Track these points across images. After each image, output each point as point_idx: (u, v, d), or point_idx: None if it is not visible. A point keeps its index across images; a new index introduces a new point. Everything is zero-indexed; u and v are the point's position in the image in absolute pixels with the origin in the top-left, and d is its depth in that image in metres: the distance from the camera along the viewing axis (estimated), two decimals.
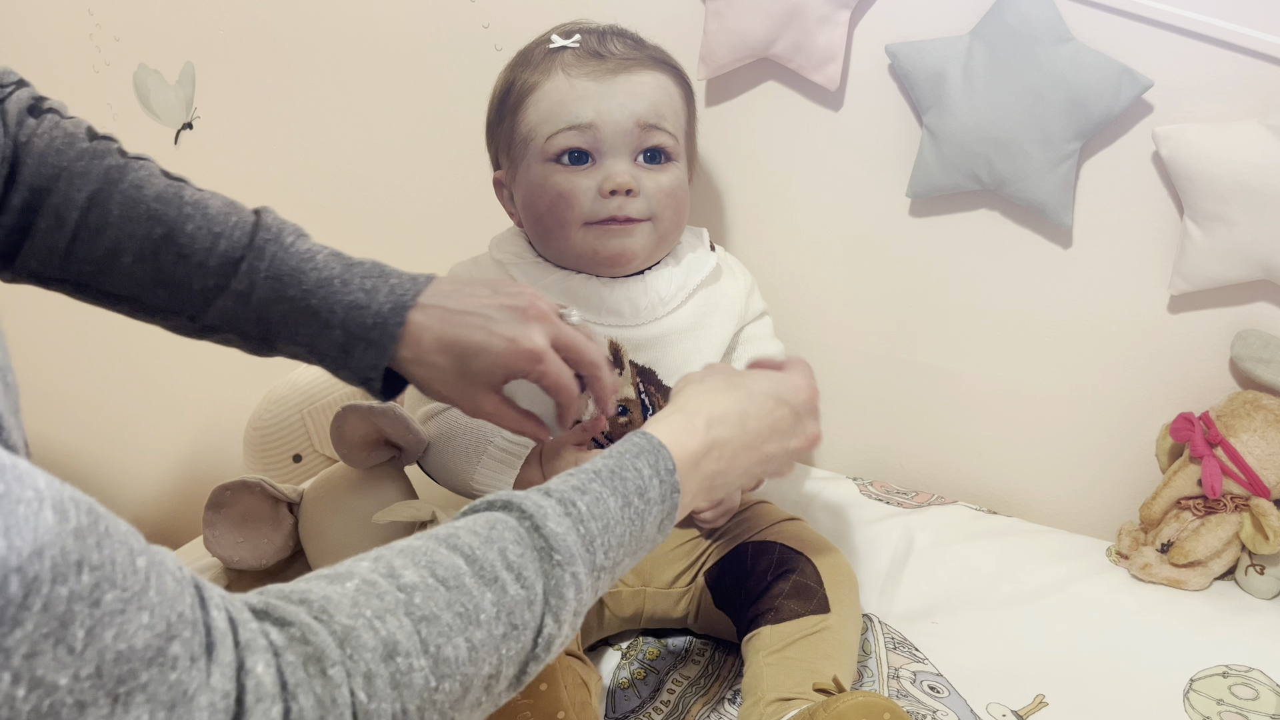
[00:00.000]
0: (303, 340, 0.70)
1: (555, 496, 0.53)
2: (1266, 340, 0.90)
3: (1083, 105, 0.87)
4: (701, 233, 0.96)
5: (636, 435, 0.59)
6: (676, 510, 0.59)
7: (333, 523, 0.84)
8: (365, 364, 0.70)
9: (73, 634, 0.32)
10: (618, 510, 0.54)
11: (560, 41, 0.87)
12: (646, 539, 0.57)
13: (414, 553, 0.47)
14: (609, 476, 0.55)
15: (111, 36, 1.37)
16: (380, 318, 0.69)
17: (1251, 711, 0.77)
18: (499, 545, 0.49)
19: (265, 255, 0.70)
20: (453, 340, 0.69)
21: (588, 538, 0.52)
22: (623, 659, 0.84)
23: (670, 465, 0.58)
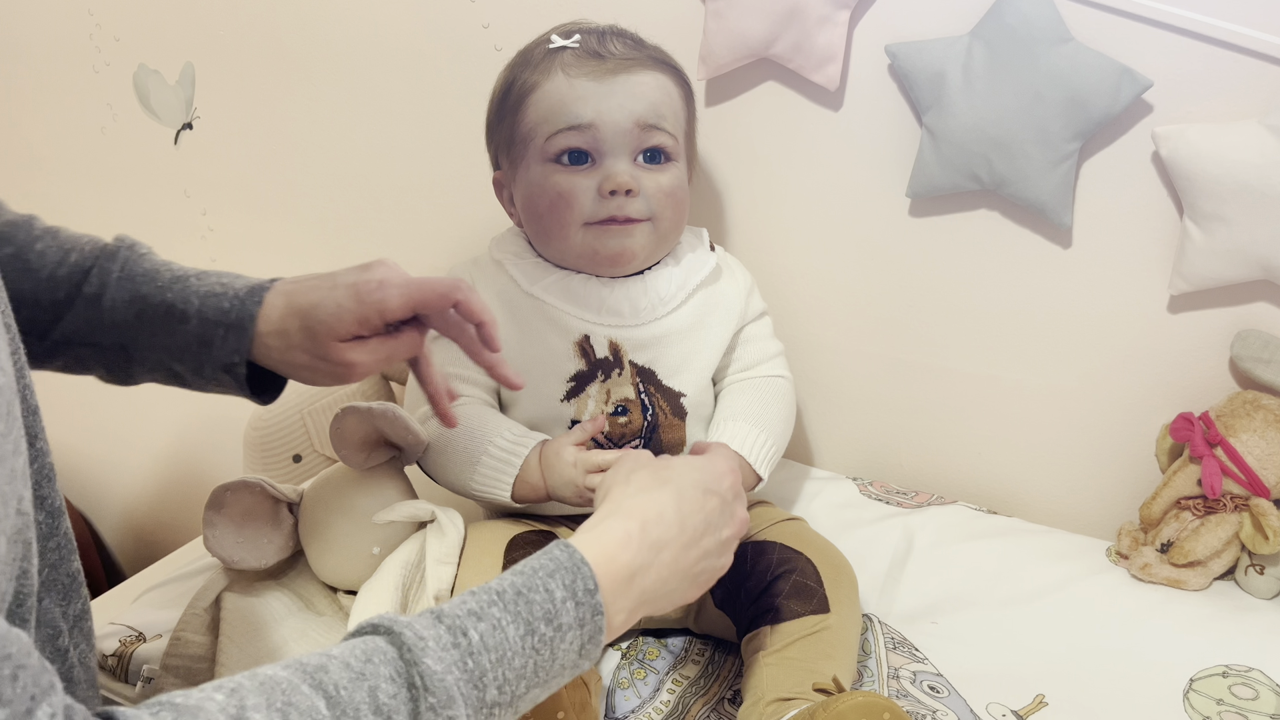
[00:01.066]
0: (159, 342, 0.68)
1: (446, 623, 0.48)
2: (1266, 340, 0.90)
3: (1082, 105, 0.87)
4: (701, 233, 0.96)
5: (557, 548, 0.55)
6: (601, 634, 0.54)
7: (333, 523, 0.84)
8: (227, 349, 0.68)
9: None
10: (518, 640, 0.50)
11: (560, 41, 0.87)
12: (561, 666, 0.52)
13: (275, 688, 0.43)
14: (513, 599, 0.51)
15: (111, 36, 1.37)
16: (237, 300, 0.68)
17: (1251, 711, 0.77)
18: (370, 684, 0.45)
19: (118, 259, 0.70)
20: (299, 303, 0.68)
21: (476, 673, 0.48)
22: (623, 659, 0.84)
23: (590, 585, 0.53)
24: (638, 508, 0.59)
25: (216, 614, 0.84)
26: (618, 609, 0.56)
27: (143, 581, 1.00)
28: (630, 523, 0.58)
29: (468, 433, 0.84)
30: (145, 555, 1.63)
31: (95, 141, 1.46)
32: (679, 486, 0.62)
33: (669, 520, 0.59)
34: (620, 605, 0.56)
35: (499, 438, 0.83)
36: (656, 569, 0.58)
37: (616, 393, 0.88)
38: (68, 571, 0.55)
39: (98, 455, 1.68)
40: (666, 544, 0.59)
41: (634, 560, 0.57)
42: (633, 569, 0.56)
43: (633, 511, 0.59)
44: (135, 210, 1.48)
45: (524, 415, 0.89)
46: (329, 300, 0.68)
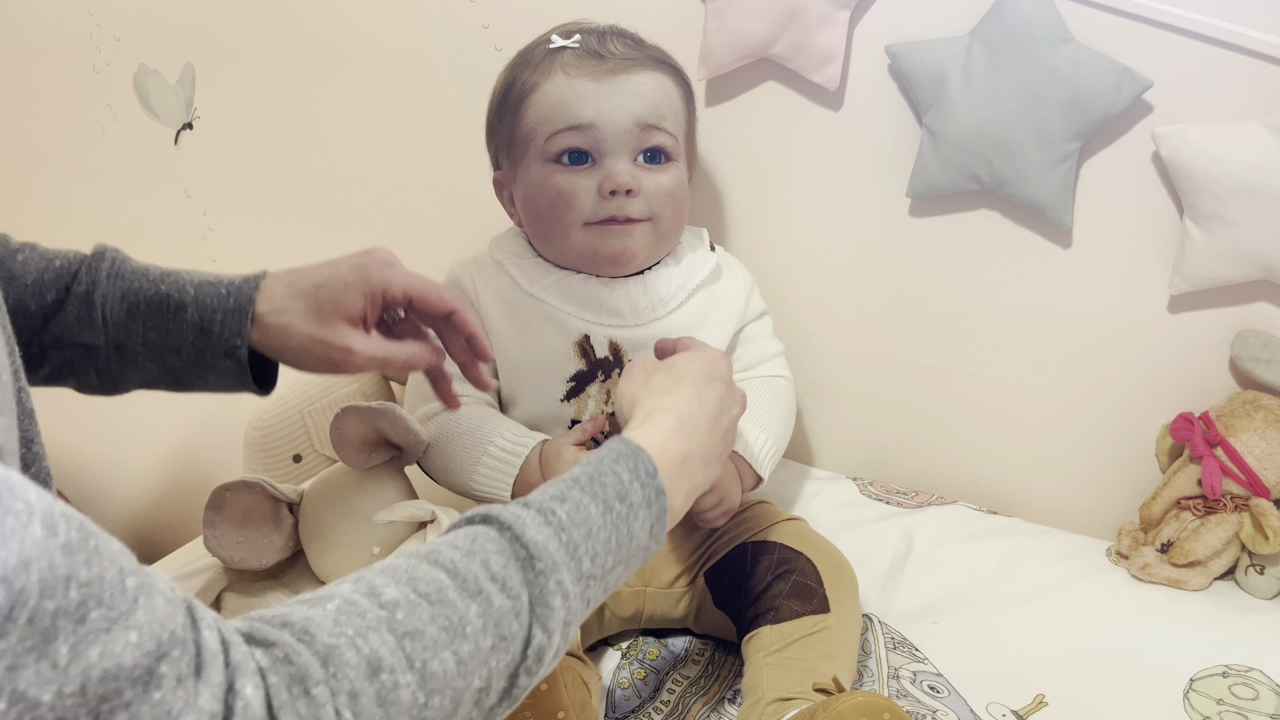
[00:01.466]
0: (155, 335, 0.69)
1: (534, 507, 0.52)
2: (1266, 340, 0.90)
3: (1082, 105, 0.87)
4: (701, 233, 0.96)
5: (615, 441, 0.59)
6: (666, 515, 0.58)
7: (333, 523, 0.84)
8: (228, 333, 0.68)
9: (56, 650, 0.32)
10: (599, 515, 0.54)
11: (560, 41, 0.87)
12: (638, 546, 0.56)
13: (395, 571, 0.47)
14: (588, 483, 0.55)
15: (111, 36, 1.37)
16: (234, 286, 0.70)
17: (1251, 711, 0.77)
18: (481, 557, 0.48)
19: (106, 259, 0.70)
20: (303, 284, 0.70)
21: (570, 545, 0.51)
22: (623, 659, 0.84)
23: (651, 468, 0.57)
24: (670, 404, 0.63)
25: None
26: (676, 491, 0.60)
27: None
28: (669, 416, 0.62)
29: (468, 433, 0.84)
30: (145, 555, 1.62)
31: (95, 141, 1.46)
32: (693, 380, 0.66)
33: (695, 410, 0.64)
34: (678, 488, 0.60)
35: (499, 438, 0.84)
36: (700, 454, 0.63)
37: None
38: None
39: (98, 455, 1.68)
40: (701, 430, 0.63)
41: (681, 447, 0.61)
42: (682, 454, 0.61)
43: (668, 408, 0.63)
44: (135, 210, 1.48)
45: (524, 415, 0.89)
46: (334, 278, 0.70)
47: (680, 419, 0.62)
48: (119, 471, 1.68)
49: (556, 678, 0.67)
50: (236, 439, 1.12)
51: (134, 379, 0.72)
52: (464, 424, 0.85)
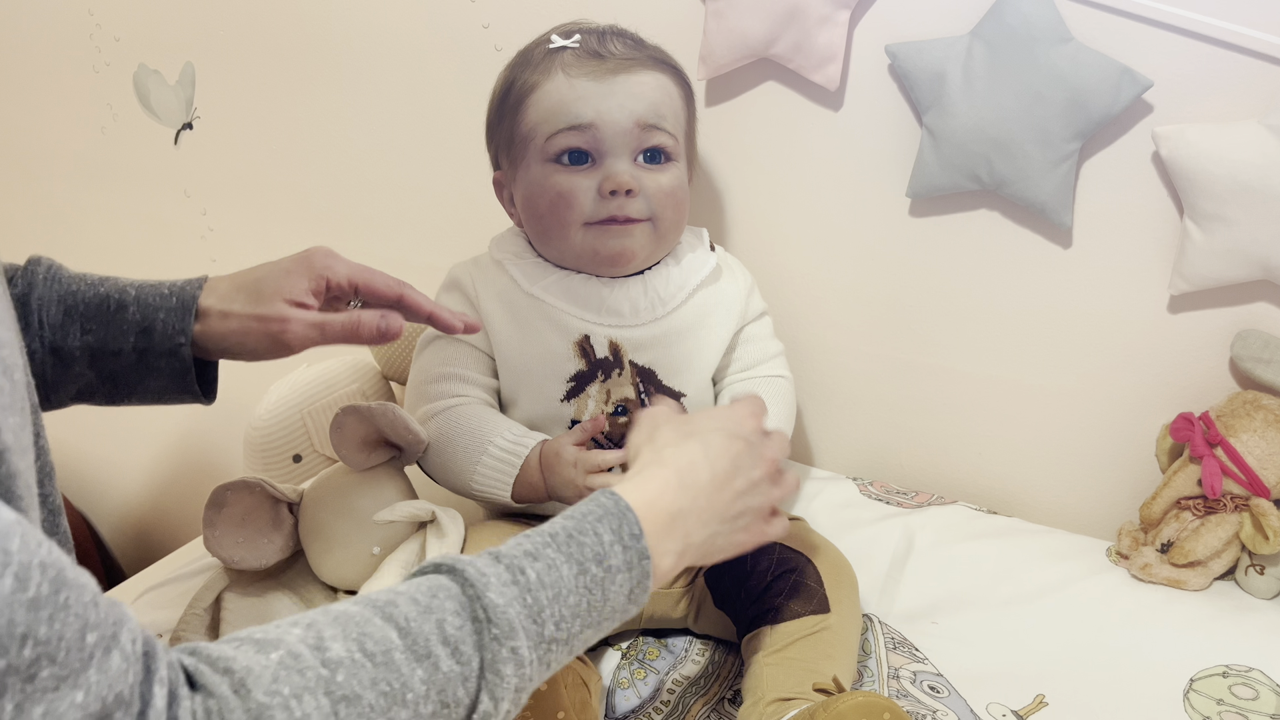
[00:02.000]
0: (94, 338, 0.68)
1: (504, 563, 0.51)
2: (1266, 340, 0.90)
3: (1083, 105, 0.87)
4: (701, 233, 0.96)
5: (603, 495, 0.57)
6: (649, 579, 0.56)
7: (333, 523, 0.84)
8: (171, 330, 0.69)
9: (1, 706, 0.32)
10: (571, 579, 0.52)
11: (560, 41, 0.87)
12: (612, 609, 0.54)
13: (348, 621, 0.46)
14: (565, 541, 0.53)
15: (111, 36, 1.37)
16: (176, 286, 0.71)
17: (1251, 711, 0.77)
18: (437, 616, 0.47)
19: (43, 265, 0.70)
20: (246, 278, 0.71)
21: (534, 608, 0.50)
22: (623, 659, 0.84)
23: (636, 530, 0.55)
24: (669, 458, 0.61)
25: (216, 614, 0.84)
26: (663, 552, 0.57)
27: (143, 581, 1.00)
28: (665, 470, 0.60)
29: (468, 433, 0.84)
30: (145, 555, 1.63)
31: (95, 141, 1.46)
32: (703, 436, 0.64)
33: (699, 466, 0.61)
34: (665, 549, 0.57)
35: (499, 438, 0.83)
36: (695, 513, 0.60)
37: (616, 393, 0.88)
38: None
39: (98, 454, 1.68)
40: (701, 488, 0.61)
41: (673, 504, 0.58)
42: (673, 513, 0.58)
43: (666, 461, 0.61)
44: (135, 210, 1.48)
45: (524, 415, 0.89)
46: (276, 269, 0.72)
47: (678, 474, 0.60)
48: (119, 471, 1.68)
49: (556, 678, 0.67)
50: (236, 439, 1.12)
51: (69, 388, 0.71)
52: (464, 424, 0.85)
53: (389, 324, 0.70)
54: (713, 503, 0.61)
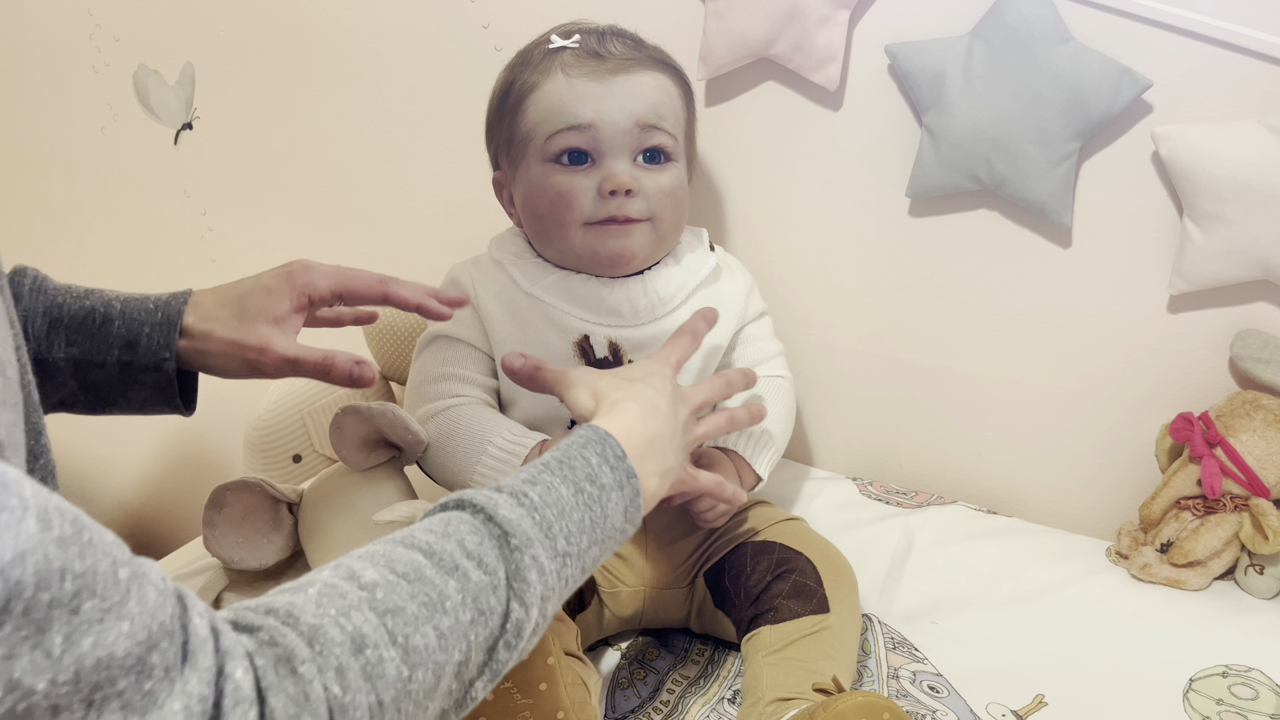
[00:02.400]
0: (78, 351, 0.69)
1: (506, 490, 0.54)
2: (1266, 340, 0.90)
3: (1082, 105, 0.87)
4: (701, 233, 0.96)
5: (583, 428, 0.61)
6: (639, 497, 0.59)
7: (333, 523, 0.84)
8: (155, 345, 0.70)
9: (51, 640, 0.33)
10: (570, 497, 0.55)
11: (560, 42, 0.87)
12: (613, 527, 0.58)
13: (372, 555, 0.48)
14: (557, 466, 0.57)
15: (111, 36, 1.37)
16: (162, 300, 0.71)
17: (1251, 711, 0.77)
18: (456, 538, 0.50)
19: (28, 276, 0.70)
20: (229, 293, 0.72)
21: (544, 524, 0.53)
22: (623, 659, 0.84)
23: (619, 451, 0.59)
24: (630, 396, 0.65)
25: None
26: (647, 473, 0.61)
27: None
28: (631, 404, 0.64)
29: (467, 433, 0.84)
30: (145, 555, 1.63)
31: (95, 141, 1.46)
32: (643, 379, 0.68)
33: (655, 400, 0.66)
34: (649, 470, 0.61)
35: (499, 437, 0.83)
36: (666, 437, 0.64)
37: None
38: None
39: (97, 454, 1.68)
40: (663, 416, 0.65)
41: (647, 430, 0.63)
42: (649, 437, 0.63)
43: (631, 397, 0.65)
44: (135, 210, 1.48)
45: (524, 415, 0.89)
46: (258, 287, 0.72)
47: (641, 407, 0.64)
48: (119, 471, 1.68)
49: (556, 677, 0.67)
50: (236, 439, 1.12)
51: (50, 397, 0.72)
52: (464, 424, 0.85)
53: (361, 373, 0.72)
54: (674, 430, 0.66)
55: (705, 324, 0.78)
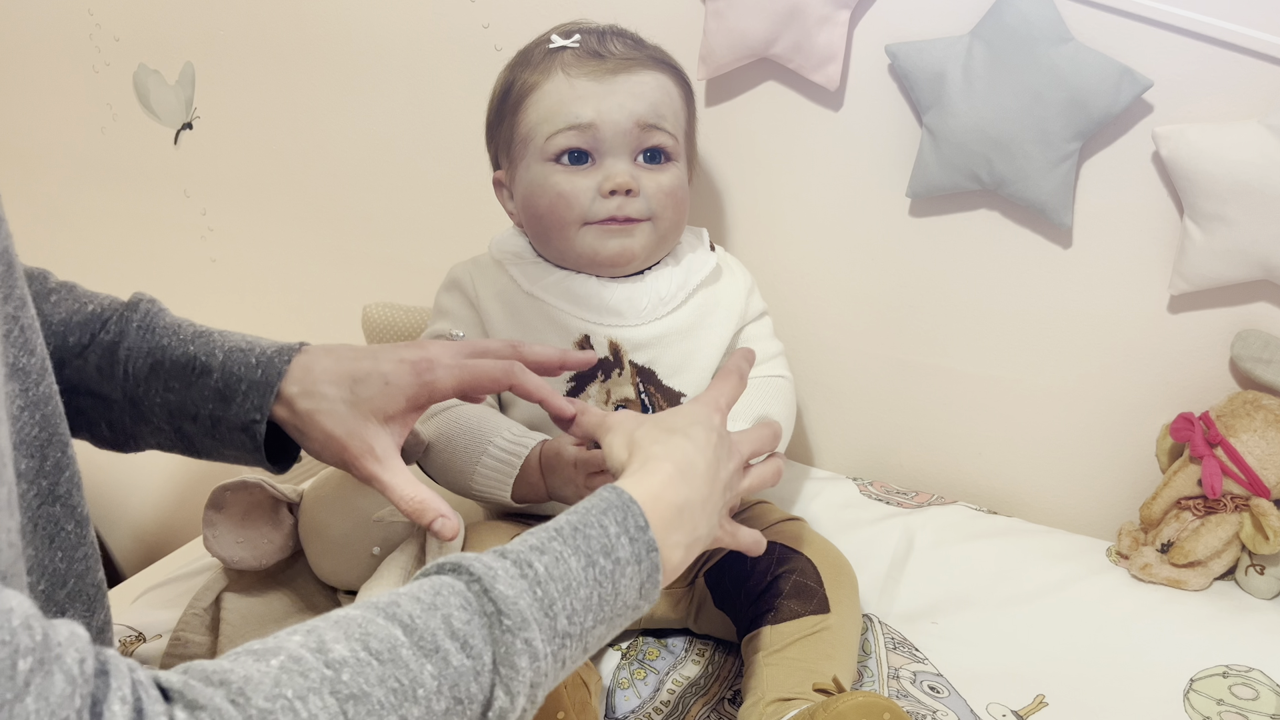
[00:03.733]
0: (174, 397, 0.65)
1: (510, 558, 0.49)
2: (1266, 340, 0.90)
3: (1083, 105, 0.87)
4: (701, 233, 0.96)
5: (606, 490, 0.55)
6: (659, 573, 0.54)
7: (333, 523, 0.84)
8: (248, 405, 0.65)
9: None
10: (580, 571, 0.50)
11: (560, 41, 0.87)
12: (625, 604, 0.53)
13: (349, 624, 0.44)
14: (571, 534, 0.52)
15: (111, 36, 1.37)
16: (265, 357, 0.66)
17: (1251, 711, 0.77)
18: (443, 612, 0.46)
19: (139, 310, 0.67)
20: (343, 369, 0.66)
21: (546, 601, 0.48)
22: (623, 659, 0.84)
23: (642, 522, 0.54)
24: (665, 453, 0.60)
25: (216, 614, 0.84)
26: (672, 544, 0.56)
27: (143, 581, 1.00)
28: (666, 464, 0.59)
29: (468, 433, 0.84)
30: (145, 555, 1.63)
31: (95, 141, 1.46)
32: (685, 430, 0.62)
33: (693, 459, 0.60)
34: (673, 541, 0.56)
35: (499, 438, 0.83)
36: (699, 503, 0.59)
37: (616, 393, 0.88)
38: (93, 582, 0.54)
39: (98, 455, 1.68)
40: (699, 478, 0.60)
41: (677, 496, 0.57)
42: (678, 505, 0.57)
43: (664, 456, 0.59)
44: (135, 210, 1.48)
45: (524, 415, 0.89)
46: (375, 373, 0.66)
47: (677, 467, 0.59)
48: (119, 470, 1.68)
49: None
50: None
51: (148, 439, 0.69)
52: (464, 424, 0.85)
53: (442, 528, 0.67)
54: (709, 494, 0.60)
55: (748, 363, 0.73)
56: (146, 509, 1.68)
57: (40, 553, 0.49)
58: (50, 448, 0.50)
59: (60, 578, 0.51)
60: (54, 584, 0.50)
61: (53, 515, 0.50)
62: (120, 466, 1.67)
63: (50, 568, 0.50)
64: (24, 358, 0.48)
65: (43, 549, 0.49)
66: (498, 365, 0.69)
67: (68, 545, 0.51)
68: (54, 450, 0.50)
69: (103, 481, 1.69)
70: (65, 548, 0.51)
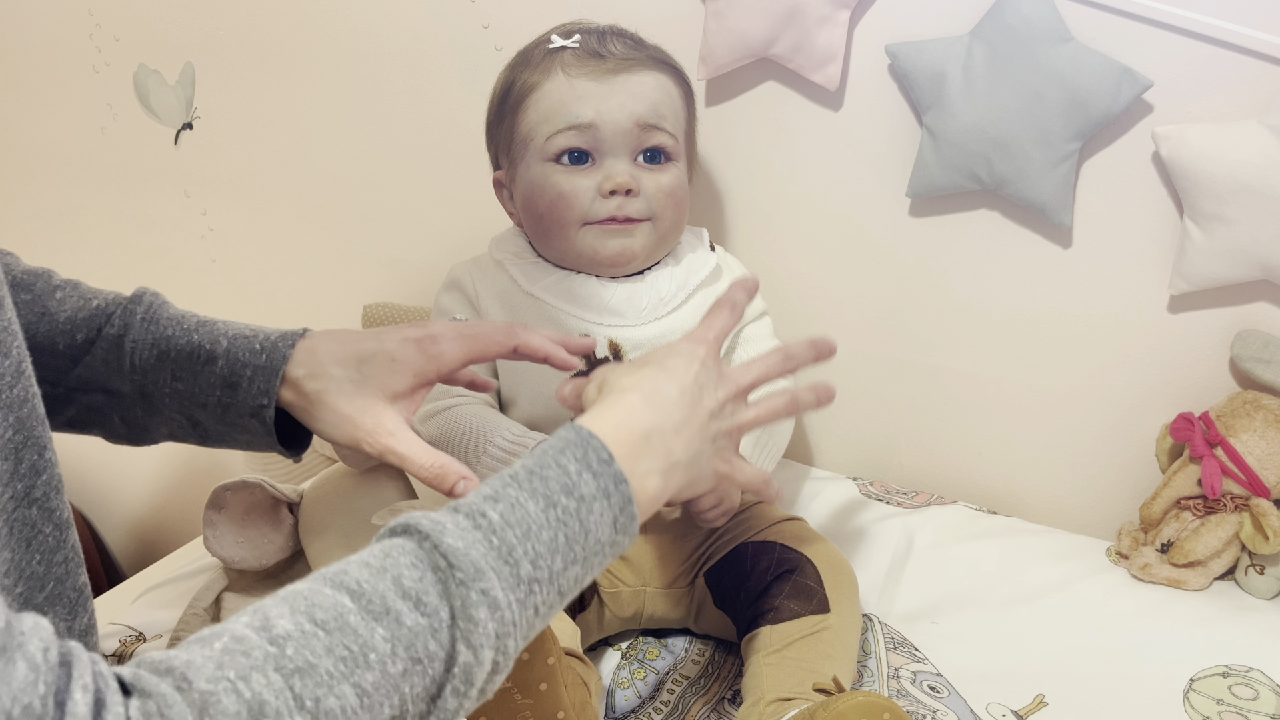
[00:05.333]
0: (182, 386, 0.66)
1: (463, 511, 0.48)
2: (1266, 340, 0.90)
3: (1083, 105, 0.87)
4: (701, 233, 0.96)
5: (564, 429, 0.54)
6: (632, 504, 0.52)
7: (333, 523, 0.84)
8: (255, 390, 0.65)
9: None
10: (539, 514, 0.49)
11: (560, 41, 0.87)
12: (598, 541, 0.51)
13: (294, 598, 0.43)
14: (526, 478, 0.50)
15: (111, 36, 1.37)
16: (269, 342, 0.66)
17: (1251, 711, 0.77)
18: (392, 574, 0.45)
19: (143, 303, 0.68)
20: (348, 351, 0.66)
21: (503, 549, 0.47)
22: (623, 659, 0.84)
23: (604, 455, 0.52)
24: (632, 384, 0.58)
25: (216, 614, 0.84)
26: (644, 472, 0.54)
27: (143, 581, 1.00)
28: (631, 394, 0.57)
29: (468, 432, 0.84)
30: (145, 555, 1.63)
31: (95, 141, 1.46)
32: (660, 362, 0.60)
33: (663, 384, 0.58)
34: (646, 468, 0.54)
35: (499, 437, 0.83)
36: (672, 428, 0.56)
37: None
38: (74, 585, 0.54)
39: (98, 455, 1.68)
40: (670, 402, 0.57)
41: (642, 422, 0.55)
42: (644, 431, 0.55)
43: (629, 387, 0.57)
44: (135, 210, 1.48)
45: (524, 415, 0.89)
46: (381, 352, 0.66)
47: (643, 395, 0.57)
48: (119, 470, 1.68)
49: (556, 677, 0.67)
50: None
51: (161, 430, 0.70)
52: (464, 424, 0.85)
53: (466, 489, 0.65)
54: (689, 417, 0.58)
55: (745, 294, 0.68)
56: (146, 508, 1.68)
57: (17, 555, 0.49)
58: (25, 450, 0.49)
59: (38, 581, 0.50)
60: (32, 587, 0.50)
61: (29, 518, 0.50)
62: (120, 467, 1.67)
63: (28, 571, 0.50)
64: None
65: (19, 552, 0.49)
66: (499, 328, 0.69)
67: (46, 549, 0.51)
68: (29, 453, 0.49)
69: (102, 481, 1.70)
70: (43, 551, 0.51)
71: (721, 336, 0.65)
